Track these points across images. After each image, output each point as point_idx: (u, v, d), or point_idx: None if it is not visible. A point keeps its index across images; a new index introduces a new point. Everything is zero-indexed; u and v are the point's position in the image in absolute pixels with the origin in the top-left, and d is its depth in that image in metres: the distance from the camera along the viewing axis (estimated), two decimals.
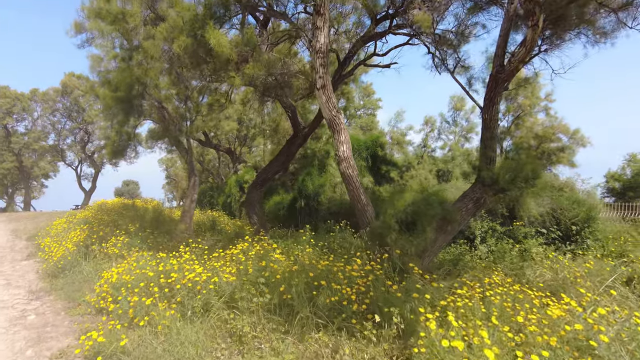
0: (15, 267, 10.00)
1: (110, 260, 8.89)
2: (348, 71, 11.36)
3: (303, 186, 17.57)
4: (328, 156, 17.78)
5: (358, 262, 5.76)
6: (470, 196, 7.11)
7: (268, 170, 13.16)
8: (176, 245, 10.08)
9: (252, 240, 8.74)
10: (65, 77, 35.40)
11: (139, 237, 9.44)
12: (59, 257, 8.77)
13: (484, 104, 6.89)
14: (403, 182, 16.73)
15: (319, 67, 6.90)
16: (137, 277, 6.02)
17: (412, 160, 16.88)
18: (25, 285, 8.20)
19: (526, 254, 9.13)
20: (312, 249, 8.46)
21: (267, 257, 6.75)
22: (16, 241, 14.89)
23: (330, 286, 5.24)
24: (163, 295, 5.69)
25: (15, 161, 35.14)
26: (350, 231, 11.48)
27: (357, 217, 7.33)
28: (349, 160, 7.10)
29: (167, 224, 12.59)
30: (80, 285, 7.62)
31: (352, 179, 7.04)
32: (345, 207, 15.66)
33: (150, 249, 8.75)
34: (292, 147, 12.32)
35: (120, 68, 10.63)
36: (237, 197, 23.22)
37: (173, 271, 5.91)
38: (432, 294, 4.95)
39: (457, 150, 17.16)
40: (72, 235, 10.54)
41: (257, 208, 13.84)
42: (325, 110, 7.01)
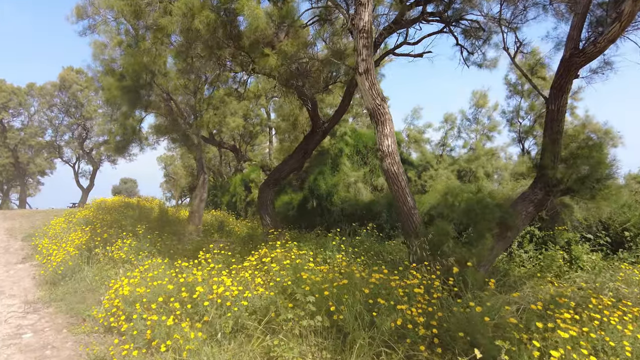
0: (10, 272, 9.06)
1: (115, 265, 7.98)
2: (375, 61, 10.48)
3: (315, 186, 16.68)
4: (341, 154, 16.91)
5: (418, 275, 4.88)
6: (530, 198, 6.26)
7: (283, 168, 12.26)
8: (188, 249, 9.20)
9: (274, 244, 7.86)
10: (63, 71, 34.32)
11: (147, 240, 8.54)
12: (58, 261, 7.85)
13: (551, 93, 6.05)
14: (421, 182, 15.88)
15: (362, 48, 6.02)
16: (154, 290, 5.13)
17: (431, 159, 16.03)
18: (20, 294, 7.28)
19: (576, 262, 8.30)
20: (342, 255, 7.60)
21: (301, 267, 5.86)
22: (11, 241, 13.91)
23: (390, 305, 4.37)
24: (185, 313, 4.80)
25: (11, 157, 34.00)
26: (378, 235, 10.63)
27: (401, 222, 6.45)
28: (394, 156, 6.23)
29: (174, 224, 11.70)
30: (83, 295, 6.71)
31: (397, 177, 6.17)
32: (361, 208, 14.81)
33: (160, 254, 7.85)
34: (311, 143, 11.44)
35: (127, 54, 9.72)
36: (243, 196, 22.32)
37: (197, 283, 5.01)
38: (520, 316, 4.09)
39: (480, 149, 16.32)
40: (72, 237, 9.61)
41: (269, 208, 12.94)
42: (368, 98, 6.13)
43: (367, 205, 14.75)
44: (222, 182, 25.69)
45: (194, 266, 5.74)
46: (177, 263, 5.89)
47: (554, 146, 5.96)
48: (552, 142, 5.96)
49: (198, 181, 12.15)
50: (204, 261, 6.04)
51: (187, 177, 44.65)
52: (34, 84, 34.55)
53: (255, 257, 6.88)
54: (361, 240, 9.43)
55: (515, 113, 17.52)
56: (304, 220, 16.85)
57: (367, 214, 14.58)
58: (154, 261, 6.46)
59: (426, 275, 5.01)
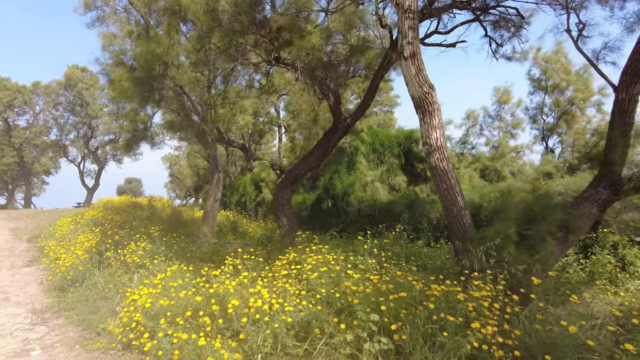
0: (15, 276, 8.48)
1: (128, 270, 7.38)
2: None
3: (330, 185, 16.05)
4: (357, 152, 16.26)
5: (487, 287, 4.23)
6: (593, 197, 5.60)
7: (301, 166, 11.63)
8: (205, 251, 8.59)
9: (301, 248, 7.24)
10: (68, 69, 33.85)
11: (162, 243, 7.93)
12: (68, 266, 7.25)
13: (622, 79, 5.37)
14: None
15: (408, 30, 5.38)
16: (179, 302, 4.50)
17: (452, 157, 15.34)
18: (27, 302, 6.68)
19: (629, 267, 7.63)
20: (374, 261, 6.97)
21: (340, 274, 5.24)
22: (16, 242, 13.37)
23: (459, 322, 3.73)
24: (216, 328, 4.18)
25: (16, 156, 33.55)
26: (408, 238, 9.94)
27: (449, 225, 5.79)
28: (443, 151, 5.58)
29: (187, 225, 11.10)
30: (95, 304, 6.11)
31: (446, 174, 5.52)
32: (380, 209, 14.16)
33: (178, 258, 7.23)
34: (332, 140, 10.79)
35: (138, 44, 9.12)
36: (253, 196, 21.71)
37: (228, 294, 4.38)
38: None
39: (504, 147, 15.62)
40: (81, 239, 9.02)
41: (286, 209, 12.30)
42: (414, 85, 5.49)
43: (386, 205, 14.09)
44: (230, 182, 25.10)
45: (221, 274, 5.11)
46: (203, 271, 5.26)
47: (624, 140, 5.30)
48: (622, 135, 5.29)
49: (212, 180, 11.54)
50: (231, 267, 5.41)
51: (193, 177, 44.19)
52: (39, 82, 34.12)
53: (282, 262, 6.26)
54: (390, 243, 8.77)
55: (538, 110, 16.86)
56: (318, 221, 16.22)
57: (386, 215, 13.92)
58: (175, 267, 5.83)
59: (490, 286, 4.36)
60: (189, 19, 9.30)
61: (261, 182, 21.12)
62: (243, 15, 6.40)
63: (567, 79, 16.11)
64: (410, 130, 16.54)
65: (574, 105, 15.99)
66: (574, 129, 16.11)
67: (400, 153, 16.41)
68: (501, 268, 4.76)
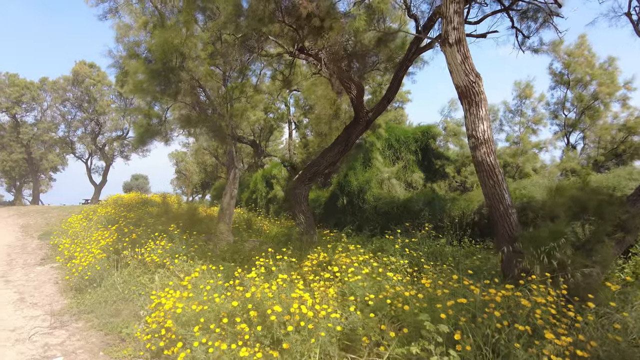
0: (29, 275, 8.20)
1: (147, 270, 7.06)
2: (428, 44, 9.43)
3: (345, 182, 15.69)
4: (373, 148, 15.87)
5: (552, 292, 3.85)
6: None
7: (320, 162, 11.24)
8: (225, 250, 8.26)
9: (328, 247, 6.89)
10: (76, 65, 33.64)
11: (182, 241, 7.61)
12: (85, 265, 6.94)
13: None
14: (461, 178, 14.78)
15: (453, 15, 4.99)
16: (212, 307, 4.16)
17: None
18: (43, 303, 6.39)
19: None
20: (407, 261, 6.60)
21: (383, 278, 4.88)
22: (27, 239, 13.13)
23: (527, 332, 3.36)
24: (254, 336, 3.83)
25: (24, 153, 33.43)
26: (434, 236, 9.57)
27: (494, 224, 5.40)
28: (490, 145, 5.19)
29: (203, 223, 10.79)
30: (116, 306, 5.79)
31: (493, 170, 5.13)
32: (398, 206, 13.76)
33: (201, 258, 6.90)
34: (353, 134, 10.41)
35: (155, 34, 8.77)
36: (264, 193, 21.40)
37: (266, 299, 4.04)
38: None
39: (526, 143, 15.16)
40: (96, 237, 8.72)
41: (304, 206, 11.94)
42: (460, 74, 5.10)
43: (404, 203, 13.70)
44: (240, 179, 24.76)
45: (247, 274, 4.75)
46: (237, 273, 4.90)
47: None
48: None
49: (228, 176, 11.20)
50: (262, 269, 5.06)
51: (200, 173, 44.01)
52: (46, 78, 33.95)
53: (313, 262, 5.91)
54: (417, 242, 8.40)
55: (560, 105, 16.34)
56: (333, 219, 15.88)
57: (404, 212, 13.54)
58: (205, 268, 5.49)
59: (553, 291, 3.97)
60: (208, 8, 8.95)
61: (272, 179, 20.79)
62: (270, 1, 6.02)
63: (591, 72, 15.60)
64: (427, 125, 16.13)
65: (597, 99, 15.49)
66: (599, 125, 15.59)
67: (417, 149, 16.01)
68: (561, 271, 4.37)
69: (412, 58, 9.63)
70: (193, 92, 9.88)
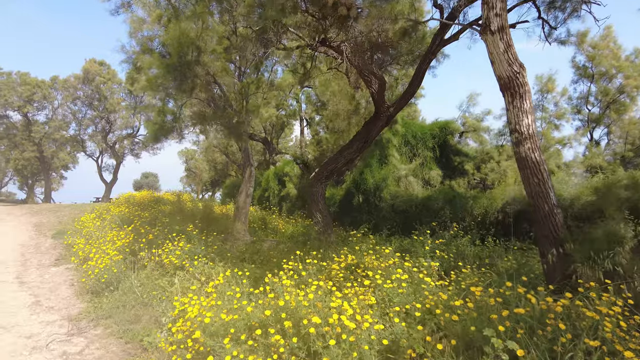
0: (44, 276, 7.99)
1: (165, 272, 6.79)
2: (453, 35, 9.03)
3: (361, 179, 15.31)
4: (389, 145, 15.47)
5: (619, 301, 3.47)
6: None
7: (338, 159, 10.90)
8: (243, 250, 7.97)
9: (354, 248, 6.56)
10: (86, 63, 33.64)
11: (201, 242, 7.33)
12: (101, 267, 6.69)
13: None
14: (481, 175, 14.33)
15: (496, 0, 4.61)
16: (242, 316, 3.85)
17: (492, 150, 14.44)
18: (59, 306, 6.15)
19: None
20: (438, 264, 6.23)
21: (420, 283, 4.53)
22: (40, 239, 13.00)
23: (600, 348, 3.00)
24: (289, 348, 3.52)
25: (36, 151, 33.54)
26: (461, 236, 9.18)
27: (539, 224, 5.02)
28: (535, 140, 4.81)
29: (219, 222, 10.52)
30: (135, 311, 5.51)
31: (538, 167, 4.75)
32: (417, 204, 13.36)
33: (221, 260, 6.62)
34: (373, 130, 10.04)
35: (170, 27, 8.48)
36: (276, 191, 21.11)
37: (301, 307, 3.72)
38: None
39: (549, 138, 14.65)
40: (111, 237, 8.48)
41: (321, 204, 11.63)
42: (503, 64, 4.72)
43: (423, 201, 13.29)
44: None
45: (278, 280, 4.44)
46: (267, 278, 4.59)
47: None
48: None
49: (244, 174, 10.93)
50: (291, 273, 4.74)
51: (210, 171, 43.93)
52: (57, 76, 34.00)
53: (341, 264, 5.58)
54: (445, 243, 8.03)
55: (583, 99, 15.78)
56: (348, 217, 15.52)
57: (423, 210, 13.14)
58: (228, 273, 5.18)
59: (618, 301, 3.59)
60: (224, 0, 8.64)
61: (285, 177, 20.49)
62: None
63: (617, 65, 15.01)
64: (445, 121, 15.68)
65: (624, 93, 14.89)
66: (626, 119, 15.01)
67: (435, 146, 15.57)
68: (620, 278, 3.99)
69: (435, 50, 9.23)
70: (208, 87, 9.60)
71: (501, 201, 11.47)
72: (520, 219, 10.96)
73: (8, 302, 6.25)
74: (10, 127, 33.31)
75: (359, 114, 11.32)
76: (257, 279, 4.99)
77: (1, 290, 6.90)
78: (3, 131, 33.38)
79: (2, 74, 32.18)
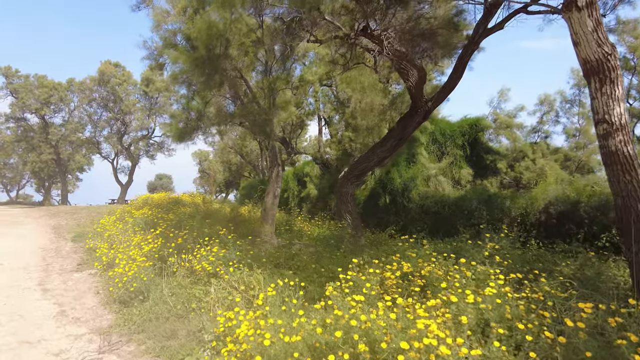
0: (67, 283, 7.56)
1: (197, 280, 6.29)
2: (497, 23, 8.39)
3: (388, 179, 14.71)
4: (417, 143, 14.83)
5: None
6: None
7: (370, 158, 10.35)
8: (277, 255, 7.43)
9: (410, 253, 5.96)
10: (102, 64, 33.60)
11: (235, 246, 6.82)
12: (130, 275, 6.21)
13: None
14: (515, 174, 13.61)
15: None
16: (305, 337, 3.30)
17: (526, 148, 13.70)
18: (87, 318, 5.68)
19: None
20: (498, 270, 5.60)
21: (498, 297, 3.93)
22: (60, 242, 12.67)
23: None
24: None
25: (53, 153, 33.60)
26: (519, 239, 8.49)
27: (628, 226, 4.36)
28: (627, 131, 4.18)
29: (246, 224, 10.03)
30: (170, 325, 5.00)
31: (631, 162, 4.13)
32: (450, 205, 12.69)
33: (259, 266, 6.08)
34: (409, 127, 9.46)
35: (198, 18, 8.00)
36: (296, 192, 20.61)
37: (377, 328, 3.15)
38: None
39: (589, 135, 13.86)
40: (136, 241, 8.02)
41: (351, 206, 11.11)
42: (590, 44, 4.10)
43: (456, 201, 12.63)
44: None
45: (335, 290, 3.87)
46: (328, 291, 4.03)
47: None
48: None
49: (271, 174, 10.39)
50: (350, 283, 4.17)
51: (224, 172, 43.72)
52: (73, 79, 34.03)
53: (396, 273, 4.99)
54: (497, 248, 7.37)
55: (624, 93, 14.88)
56: (373, 219, 14.91)
57: (456, 211, 12.47)
58: (281, 283, 4.64)
59: None
60: None
61: (305, 177, 19.98)
62: None
63: None
64: (475, 118, 14.98)
65: None
66: None
67: (465, 143, 14.88)
68: None
69: (478, 40, 8.60)
70: (236, 82, 9.11)
71: (543, 201, 10.76)
72: (564, 220, 10.25)
73: (32, 312, 5.81)
74: (28, 129, 33.44)
75: (396, 109, 10.70)
76: (313, 291, 4.43)
77: (25, 298, 6.48)
78: (21, 134, 33.54)
79: (20, 76, 32.35)
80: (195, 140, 10.50)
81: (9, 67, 31.93)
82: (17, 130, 33.64)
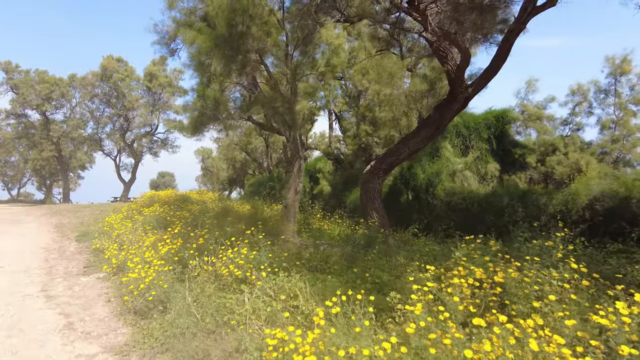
0: (74, 289, 6.75)
1: (223, 286, 5.47)
2: (548, 1, 7.54)
3: (410, 174, 13.87)
4: (441, 135, 13.97)
5: None
6: None
7: (400, 150, 9.51)
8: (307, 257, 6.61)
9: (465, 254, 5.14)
10: (104, 59, 32.73)
11: (266, 248, 6.00)
12: (147, 282, 5.40)
13: None
14: (545, 169, 12.76)
15: None
16: None
17: (557, 141, 12.86)
18: (98, 332, 4.86)
19: None
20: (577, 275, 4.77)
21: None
22: (64, 241, 11.87)
23: None
24: None
25: (54, 151, 32.75)
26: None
27: None
28: None
29: (266, 222, 9.22)
30: (199, 342, 4.18)
31: None
32: (479, 202, 11.86)
33: (298, 271, 5.26)
34: (446, 114, 8.63)
35: None
36: (308, 188, 19.78)
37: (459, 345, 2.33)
38: None
39: (628, 127, 12.99)
40: (150, 242, 7.21)
41: (377, 202, 10.28)
42: None
43: (486, 197, 11.80)
44: (279, 174, 23.26)
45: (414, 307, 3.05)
46: (409, 307, 3.20)
47: None
48: None
49: (293, 168, 9.58)
50: (429, 296, 3.35)
51: (228, 170, 42.87)
52: (75, 74, 33.21)
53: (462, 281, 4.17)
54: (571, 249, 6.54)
55: None
56: (394, 216, 14.02)
57: (487, 208, 11.63)
58: (344, 298, 3.81)
59: None
60: None
61: (318, 174, 19.16)
62: None
63: None
64: (501, 109, 14.11)
65: None
66: None
67: (491, 137, 14.04)
68: None
69: (525, 20, 7.76)
70: (257, 67, 8.28)
71: (586, 197, 9.93)
72: (613, 218, 9.43)
73: (35, 325, 5.00)
74: (29, 126, 32.63)
75: (435, 97, 9.84)
76: (382, 305, 3.61)
77: (26, 307, 5.68)
78: (22, 130, 32.74)
79: (21, 72, 31.54)
80: (205, 133, 9.59)
81: (9, 62, 31.10)
82: (17, 127, 32.85)
